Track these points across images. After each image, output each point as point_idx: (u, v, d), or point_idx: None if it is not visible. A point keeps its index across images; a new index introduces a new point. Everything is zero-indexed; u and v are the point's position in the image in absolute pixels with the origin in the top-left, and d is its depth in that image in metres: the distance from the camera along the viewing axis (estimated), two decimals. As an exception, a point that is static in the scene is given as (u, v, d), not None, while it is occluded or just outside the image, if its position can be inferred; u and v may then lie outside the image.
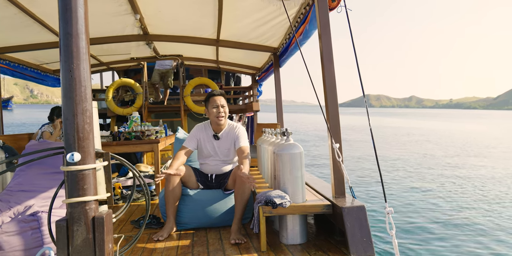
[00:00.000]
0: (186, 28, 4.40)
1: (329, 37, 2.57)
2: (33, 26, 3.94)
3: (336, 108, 2.57)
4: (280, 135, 2.88)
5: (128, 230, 2.89)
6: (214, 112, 2.90)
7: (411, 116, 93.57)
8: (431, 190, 9.32)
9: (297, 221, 2.47)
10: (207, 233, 2.73)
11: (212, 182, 3.03)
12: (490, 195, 9.01)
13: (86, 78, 1.46)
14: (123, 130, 4.31)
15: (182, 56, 6.32)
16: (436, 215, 6.97)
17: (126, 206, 1.81)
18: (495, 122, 62.53)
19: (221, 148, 2.98)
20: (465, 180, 10.87)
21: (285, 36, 4.22)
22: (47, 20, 3.87)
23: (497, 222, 6.64)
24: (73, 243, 1.42)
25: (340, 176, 2.54)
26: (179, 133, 3.72)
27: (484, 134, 32.04)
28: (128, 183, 4.35)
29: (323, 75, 2.57)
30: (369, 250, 2.19)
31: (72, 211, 1.42)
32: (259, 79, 6.81)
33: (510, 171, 12.62)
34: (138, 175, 1.81)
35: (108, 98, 6.81)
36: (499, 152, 18.22)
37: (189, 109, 6.90)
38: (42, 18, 3.78)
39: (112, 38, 4.63)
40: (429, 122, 57.16)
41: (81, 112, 1.44)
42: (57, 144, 3.47)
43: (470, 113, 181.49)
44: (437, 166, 13.52)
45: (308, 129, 34.71)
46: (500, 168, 13.21)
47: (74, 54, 1.44)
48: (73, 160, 1.41)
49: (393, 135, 27.92)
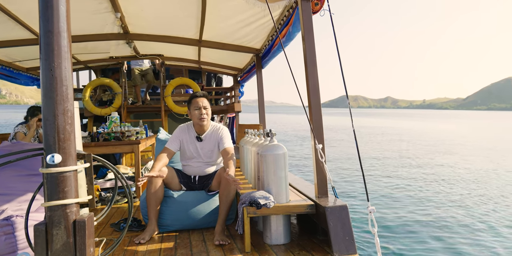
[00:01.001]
0: (168, 27, 4.35)
1: (313, 40, 2.60)
2: (8, 23, 3.79)
3: (319, 109, 2.60)
4: (263, 136, 2.88)
5: (108, 233, 2.83)
6: (196, 114, 2.88)
7: (386, 116, 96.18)
8: (407, 187, 9.58)
9: (280, 222, 2.48)
10: (190, 235, 2.70)
11: (195, 184, 3.00)
12: (461, 190, 9.36)
13: (68, 77, 1.42)
14: (102, 130, 4.22)
15: (163, 55, 6.23)
16: (414, 211, 7.16)
17: (107, 209, 1.77)
18: (464, 121, 65.16)
19: (204, 149, 2.96)
20: (438, 177, 11.28)
21: (267, 38, 4.23)
22: (23, 17, 3.74)
23: (471, 216, 6.93)
24: (53, 248, 1.38)
25: (323, 176, 2.57)
26: (161, 134, 3.67)
27: (454, 132, 33.48)
28: (106, 185, 4.26)
29: (307, 77, 2.60)
30: (351, 249, 2.23)
31: (52, 214, 1.38)
32: (241, 80, 6.81)
33: (477, 167, 13.20)
34: (121, 176, 1.77)
35: (85, 98, 6.63)
36: (467, 149, 19.10)
37: (170, 110, 6.81)
38: (18, 15, 3.65)
39: (90, 36, 4.52)
40: (404, 122, 59.01)
41: (62, 112, 1.40)
42: (32, 145, 3.35)
43: (441, 113, 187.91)
44: (411, 163, 13.93)
45: (287, 129, 35.05)
46: (468, 164, 13.79)
47: (55, 52, 1.39)
48: (53, 162, 1.36)
49: (370, 135, 28.69)
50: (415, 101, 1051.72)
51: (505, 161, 15.01)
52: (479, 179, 11.02)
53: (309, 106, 2.61)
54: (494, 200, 8.48)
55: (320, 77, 2.67)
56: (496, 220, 6.85)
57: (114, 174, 1.82)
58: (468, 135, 30.00)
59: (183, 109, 6.79)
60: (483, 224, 6.54)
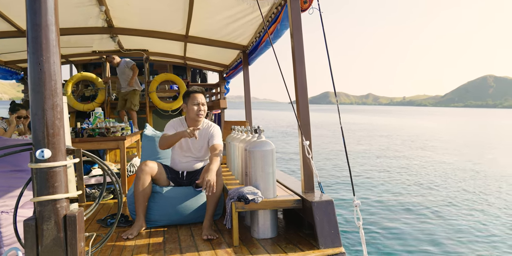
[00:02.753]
0: (154, 22, 4.30)
1: (301, 37, 2.63)
2: (-14, 15, 3.68)
3: (307, 106, 2.65)
4: (251, 133, 2.91)
5: (95, 229, 2.81)
6: (195, 109, 2.89)
7: (368, 113, 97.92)
8: (388, 181, 9.81)
9: (268, 216, 2.52)
10: (178, 230, 2.71)
11: (183, 179, 3.01)
12: (441, 182, 9.68)
13: (57, 71, 1.42)
14: (86, 126, 4.15)
15: (148, 50, 6.16)
16: (398, 205, 7.36)
17: (96, 204, 1.77)
18: (442, 118, 67.07)
19: (195, 145, 2.98)
20: (418, 170, 11.62)
21: (255, 35, 4.24)
22: (2, 9, 3.63)
23: (455, 207, 7.19)
24: (43, 243, 1.38)
25: (310, 172, 2.62)
26: (147, 130, 3.65)
27: (433, 129, 34.53)
28: (91, 182, 4.21)
29: (295, 74, 2.63)
30: (337, 242, 2.29)
31: (42, 209, 1.37)
32: (227, 76, 6.80)
33: (453, 161, 13.72)
34: (111, 172, 1.77)
35: (67, 93, 6.51)
36: (444, 145, 19.80)
37: (155, 106, 6.75)
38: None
39: (73, 30, 4.42)
40: (385, 118, 60.24)
41: (51, 107, 1.39)
42: (14, 141, 3.27)
43: (421, 110, 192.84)
44: (392, 158, 14.27)
45: (271, 125, 35.33)
46: (445, 159, 14.27)
47: (44, 46, 1.38)
48: (43, 157, 1.36)
49: (351, 131, 29.24)
50: (396, 98, 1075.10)
51: (477, 155, 15.56)
52: (455, 172, 11.46)
53: (296, 103, 2.65)
54: (470, 190, 8.86)
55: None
56: (473, 209, 7.16)
57: (104, 170, 1.82)
58: (446, 132, 31.02)
59: (168, 105, 6.74)
60: (462, 213, 6.81)
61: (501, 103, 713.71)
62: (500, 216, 6.85)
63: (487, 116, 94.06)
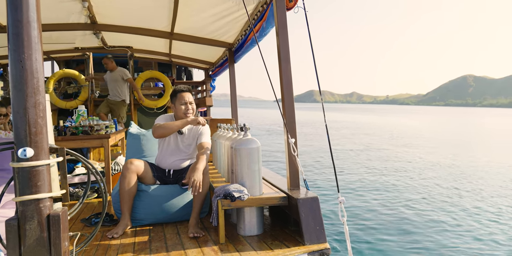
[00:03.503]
0: (138, 19, 4.24)
1: (286, 36, 2.65)
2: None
3: (292, 104, 2.67)
4: (237, 130, 2.92)
5: (79, 228, 2.78)
6: (183, 108, 2.89)
7: (352, 111, 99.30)
8: (372, 178, 9.99)
9: (254, 213, 2.54)
10: (164, 229, 2.70)
11: (170, 178, 3.00)
12: (423, 180, 9.90)
13: (39, 69, 1.40)
14: (69, 124, 4.08)
15: (132, 47, 6.09)
16: (381, 202, 7.50)
17: (80, 203, 1.76)
18: (424, 117, 68.60)
19: (183, 143, 2.97)
20: (401, 168, 11.86)
21: (240, 32, 4.24)
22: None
23: (433, 202, 7.38)
24: (26, 243, 1.37)
25: (295, 169, 2.65)
26: (132, 128, 3.61)
27: (415, 127, 35.22)
28: (75, 181, 4.14)
29: (280, 73, 2.65)
30: (322, 238, 2.33)
31: (24, 209, 1.36)
32: (213, 74, 6.78)
33: (437, 158, 13.99)
34: (95, 171, 1.75)
35: (49, 90, 6.38)
36: (425, 142, 20.22)
37: (139, 103, 6.68)
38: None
39: (55, 26, 4.33)
40: (369, 116, 61.25)
41: (33, 105, 1.37)
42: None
43: (403, 108, 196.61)
44: (375, 156, 14.53)
45: (256, 123, 35.51)
46: (430, 156, 14.58)
47: (25, 43, 1.36)
48: (25, 156, 1.34)
49: (337, 129, 29.62)
50: (379, 97, 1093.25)
51: (458, 153, 15.98)
52: (436, 169, 11.75)
53: (282, 101, 2.67)
54: (451, 186, 9.11)
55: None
56: (454, 204, 7.37)
57: (88, 169, 1.80)
58: (428, 130, 31.70)
59: (153, 102, 6.68)
60: (443, 209, 6.99)
61: (480, 102, 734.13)
62: (469, 208, 7.12)
63: (468, 114, 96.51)
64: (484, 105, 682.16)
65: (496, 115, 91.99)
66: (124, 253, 2.22)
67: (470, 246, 5.30)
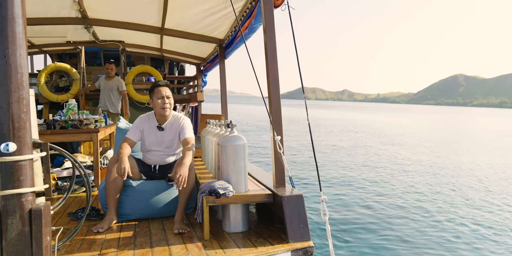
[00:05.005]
0: (129, 14, 4.23)
1: (274, 33, 2.67)
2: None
3: (279, 102, 2.69)
4: (224, 127, 2.94)
5: (65, 222, 2.79)
6: (159, 103, 2.87)
7: (343, 108, 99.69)
8: (360, 176, 10.09)
9: (239, 210, 2.56)
10: (150, 224, 2.73)
11: (156, 173, 3.01)
12: (412, 178, 10.04)
13: (23, 64, 1.41)
14: (58, 118, 4.07)
15: (124, 42, 6.06)
16: (366, 199, 7.59)
17: (65, 197, 1.77)
18: (416, 115, 69.17)
19: (165, 139, 2.96)
20: (389, 166, 11.99)
21: (231, 29, 4.25)
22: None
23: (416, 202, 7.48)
24: (7, 237, 1.38)
25: (281, 166, 2.67)
26: (121, 122, 3.61)
27: (404, 125, 35.64)
28: (63, 174, 4.14)
29: (267, 70, 2.67)
30: (306, 236, 2.35)
31: (6, 203, 1.37)
32: (204, 69, 6.77)
33: (425, 157, 14.18)
34: (78, 165, 1.77)
35: (40, 83, 6.34)
36: (415, 141, 20.51)
37: (131, 98, 6.66)
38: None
39: (46, 20, 4.30)
40: (359, 114, 61.65)
41: (17, 100, 1.38)
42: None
43: (394, 106, 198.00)
44: (366, 154, 14.66)
45: (247, 119, 35.61)
46: (418, 155, 14.77)
47: (10, 39, 1.37)
48: (8, 151, 1.36)
49: (327, 126, 29.84)
50: (370, 95, 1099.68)
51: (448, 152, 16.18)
52: (426, 167, 11.93)
53: (269, 99, 2.69)
54: (437, 184, 9.26)
55: (281, 68, 2.75)
56: (440, 201, 7.48)
57: (72, 163, 1.81)
58: (418, 128, 31.94)
59: (144, 97, 6.67)
60: (429, 208, 7.10)
61: (471, 102, 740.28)
62: (452, 205, 7.22)
63: (458, 113, 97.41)
64: (474, 104, 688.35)
65: (486, 115, 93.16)
66: (108, 248, 2.24)
67: (455, 242, 5.40)
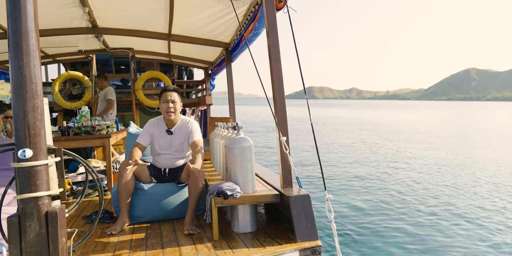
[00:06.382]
0: (137, 21, 4.35)
1: (276, 36, 2.72)
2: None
3: (283, 103, 2.74)
4: (231, 129, 3.00)
5: (80, 225, 2.88)
6: (164, 107, 2.95)
7: (351, 107, 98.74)
8: (369, 174, 10.03)
9: (247, 211, 2.61)
10: (161, 226, 2.80)
11: (166, 176, 3.09)
12: (420, 176, 9.90)
13: (37, 75, 1.48)
14: (72, 125, 4.20)
15: (133, 49, 6.19)
16: (374, 199, 7.54)
17: (79, 201, 1.85)
18: (428, 111, 68.04)
19: (174, 142, 3.04)
20: (400, 164, 11.85)
21: (236, 32, 4.33)
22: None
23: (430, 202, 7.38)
24: (26, 238, 1.44)
25: (288, 167, 2.71)
26: (131, 127, 3.71)
27: (416, 122, 35.10)
28: (78, 179, 4.26)
29: (271, 72, 2.72)
30: (313, 235, 2.39)
31: (24, 206, 1.44)
32: (212, 73, 6.87)
33: (435, 154, 14.00)
34: (91, 170, 1.85)
35: (55, 92, 6.51)
36: (427, 138, 20.16)
37: (141, 103, 6.79)
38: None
39: (58, 30, 4.45)
40: (369, 112, 61.00)
41: (32, 109, 1.45)
42: (2, 141, 3.32)
43: (404, 103, 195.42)
44: (376, 152, 14.52)
45: (255, 120, 35.72)
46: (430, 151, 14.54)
47: (24, 51, 1.44)
48: (24, 157, 1.42)
49: (337, 125, 29.70)
50: (379, 92, 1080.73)
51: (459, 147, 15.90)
52: (438, 166, 11.72)
53: (273, 100, 2.73)
54: (445, 183, 9.13)
55: (287, 68, 2.80)
56: (446, 202, 7.37)
57: (85, 168, 1.89)
58: (431, 125, 31.42)
59: (154, 102, 6.79)
60: (436, 208, 7.01)
61: (484, 96, 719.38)
62: (464, 205, 7.10)
63: (472, 108, 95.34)
64: (488, 99, 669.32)
65: (502, 108, 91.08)
66: (121, 249, 2.32)
67: (464, 244, 5.34)
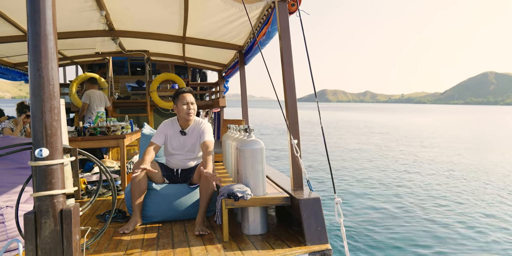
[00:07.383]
0: (152, 25, 4.43)
1: (289, 40, 2.73)
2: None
3: (295, 107, 2.74)
4: (243, 132, 3.02)
5: (94, 224, 2.95)
6: (184, 109, 3.00)
7: (366, 110, 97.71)
8: (381, 179, 9.90)
9: (258, 213, 2.62)
10: (172, 226, 2.84)
11: (178, 177, 3.13)
12: (435, 181, 9.73)
13: (54, 77, 1.52)
14: (88, 125, 4.30)
15: (149, 51, 6.29)
16: (385, 203, 7.44)
17: (92, 200, 1.89)
18: (440, 116, 66.70)
19: (187, 143, 3.09)
20: (414, 169, 11.66)
21: (249, 35, 4.36)
22: (10, 14, 3.78)
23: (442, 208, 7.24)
24: (41, 235, 1.49)
25: (298, 170, 2.72)
26: (145, 129, 3.77)
27: (431, 126, 34.61)
28: (93, 179, 4.35)
29: (283, 76, 2.73)
30: (323, 239, 2.38)
31: (40, 204, 1.48)
32: (226, 75, 6.92)
33: (452, 159, 13.77)
34: (105, 170, 1.89)
35: (72, 93, 6.67)
36: (441, 142, 19.86)
37: (156, 105, 6.89)
38: (5, 12, 3.69)
39: (76, 33, 4.57)
40: (383, 115, 60.24)
41: (49, 109, 1.50)
42: (21, 140, 3.42)
43: (420, 107, 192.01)
44: (389, 156, 14.32)
45: (267, 123, 35.75)
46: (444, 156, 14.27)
47: (43, 53, 1.49)
48: (41, 156, 1.47)
49: (349, 128, 29.44)
50: (394, 96, 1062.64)
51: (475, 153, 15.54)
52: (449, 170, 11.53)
53: (285, 103, 2.74)
54: (458, 188, 8.93)
55: (300, 71, 2.81)
56: (458, 208, 7.20)
57: (99, 168, 1.94)
58: (446, 129, 30.94)
59: (168, 104, 6.87)
60: (450, 213, 6.87)
61: (502, 100, 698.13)
62: (474, 211, 6.93)
63: (491, 113, 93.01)
64: (507, 103, 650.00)
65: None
66: (133, 248, 2.36)
67: (476, 246, 5.22)
